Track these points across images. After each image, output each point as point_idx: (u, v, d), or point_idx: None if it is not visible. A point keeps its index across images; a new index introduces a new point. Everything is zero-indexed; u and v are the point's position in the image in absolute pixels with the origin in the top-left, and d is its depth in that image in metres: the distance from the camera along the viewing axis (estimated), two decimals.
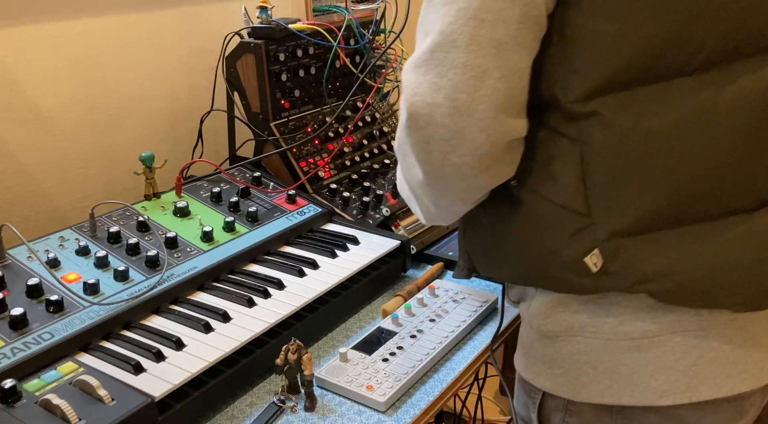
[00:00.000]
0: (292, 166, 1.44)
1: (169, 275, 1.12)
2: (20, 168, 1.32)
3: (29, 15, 1.29)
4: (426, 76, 0.76)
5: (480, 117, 0.75)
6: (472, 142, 0.76)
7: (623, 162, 0.76)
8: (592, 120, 0.76)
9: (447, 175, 0.81)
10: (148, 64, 1.51)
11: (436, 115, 0.76)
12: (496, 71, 0.74)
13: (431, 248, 1.40)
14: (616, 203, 0.77)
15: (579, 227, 0.79)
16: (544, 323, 0.88)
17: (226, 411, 0.98)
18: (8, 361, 0.90)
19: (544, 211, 0.82)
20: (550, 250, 0.82)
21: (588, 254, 0.79)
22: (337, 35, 1.50)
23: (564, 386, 0.88)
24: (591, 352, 0.84)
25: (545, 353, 0.89)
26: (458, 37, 0.74)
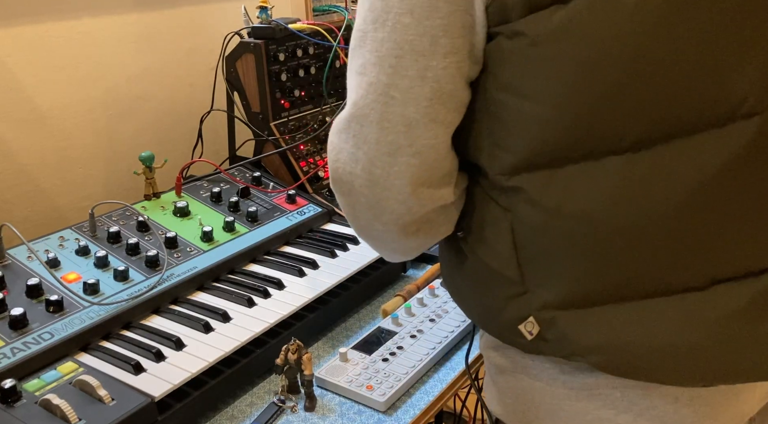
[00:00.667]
0: (292, 166, 1.44)
1: (169, 275, 1.12)
2: (20, 168, 1.32)
3: (29, 15, 1.29)
4: (346, 144, 0.75)
5: (397, 191, 0.73)
6: (392, 213, 0.75)
7: (549, 240, 0.72)
8: (517, 194, 0.73)
9: (376, 237, 0.80)
10: (147, 64, 1.51)
11: (355, 184, 0.75)
12: (408, 148, 0.71)
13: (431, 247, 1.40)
14: (546, 276, 0.74)
15: (514, 292, 0.76)
16: (493, 356, 0.87)
17: (226, 411, 0.98)
18: (8, 361, 0.90)
19: (483, 272, 0.79)
20: (490, 307, 0.80)
21: (523, 321, 0.76)
22: (337, 35, 1.50)
23: (512, 416, 0.87)
24: (533, 391, 0.82)
25: (498, 381, 0.88)
26: (370, 112, 0.72)
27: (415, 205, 0.75)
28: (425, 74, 0.69)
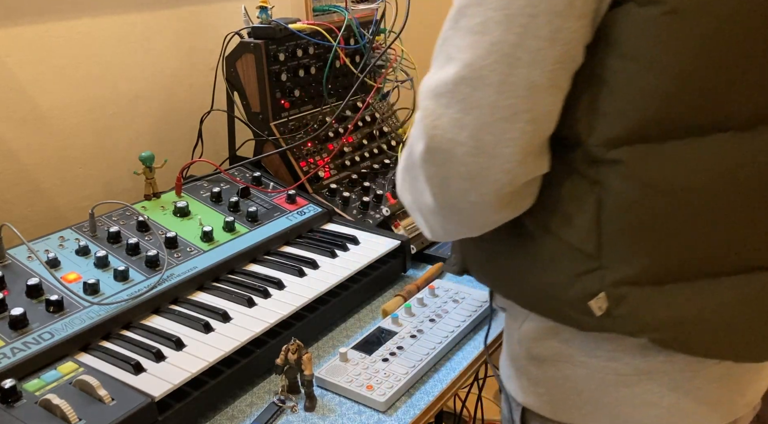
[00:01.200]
0: (292, 166, 1.44)
1: (169, 275, 1.12)
2: (20, 168, 1.32)
3: (29, 15, 1.29)
4: (448, 110, 0.71)
5: (505, 160, 0.71)
6: (494, 184, 0.72)
7: (641, 215, 0.72)
8: (614, 168, 0.72)
9: (463, 209, 0.77)
10: (148, 64, 1.51)
11: (457, 153, 0.71)
12: (526, 114, 0.69)
13: (431, 248, 1.40)
14: (628, 253, 0.74)
15: (587, 268, 0.76)
16: (534, 346, 0.86)
17: (226, 411, 0.98)
18: (8, 361, 0.90)
19: (554, 248, 0.78)
20: (555, 286, 0.79)
21: (594, 297, 0.76)
22: (337, 35, 1.50)
23: (545, 406, 0.87)
24: (577, 379, 0.83)
25: (531, 371, 0.88)
26: (489, 74, 0.68)
27: (520, 175, 0.72)
28: (557, 36, 0.67)
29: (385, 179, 1.53)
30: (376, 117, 1.63)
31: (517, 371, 0.90)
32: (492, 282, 0.90)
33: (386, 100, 1.68)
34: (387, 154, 1.61)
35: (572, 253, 0.76)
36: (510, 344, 0.92)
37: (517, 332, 0.89)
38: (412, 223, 1.44)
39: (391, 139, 1.64)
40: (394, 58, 1.59)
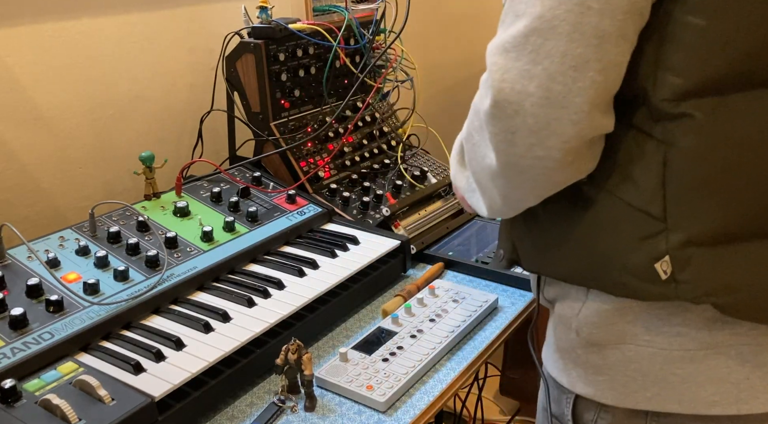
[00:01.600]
0: (292, 166, 1.44)
1: (169, 275, 1.12)
2: (20, 168, 1.32)
3: (29, 15, 1.29)
4: (517, 63, 0.72)
5: (573, 110, 0.71)
6: (561, 136, 0.72)
7: (709, 169, 0.73)
8: (682, 122, 0.73)
9: (527, 167, 0.76)
10: (148, 64, 1.51)
11: (526, 104, 0.72)
12: (596, 63, 0.70)
13: (431, 248, 1.40)
14: (695, 211, 0.74)
15: (651, 231, 0.76)
16: (596, 331, 0.85)
17: (226, 411, 0.98)
18: (8, 361, 0.90)
19: (616, 212, 0.78)
20: (616, 252, 0.79)
21: (659, 261, 0.75)
22: (337, 35, 1.50)
23: (607, 393, 0.86)
24: (642, 360, 0.82)
25: (589, 359, 0.87)
26: (560, 23, 0.69)
27: (586, 128, 0.73)
28: None
29: (385, 179, 1.53)
30: (376, 117, 1.63)
31: (573, 362, 0.89)
32: (549, 266, 0.89)
33: (386, 100, 1.68)
34: (387, 154, 1.61)
35: (636, 215, 0.77)
36: (563, 335, 0.91)
37: (575, 321, 0.88)
38: (412, 223, 1.44)
39: (391, 139, 1.64)
40: (394, 58, 1.59)
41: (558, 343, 0.92)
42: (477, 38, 2.44)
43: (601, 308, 0.84)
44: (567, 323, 0.89)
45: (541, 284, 0.97)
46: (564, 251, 0.85)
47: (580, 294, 0.87)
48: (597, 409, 0.90)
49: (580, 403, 0.91)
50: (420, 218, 1.47)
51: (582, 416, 0.92)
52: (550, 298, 0.94)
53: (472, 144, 0.83)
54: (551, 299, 0.94)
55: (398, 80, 1.64)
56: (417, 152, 1.65)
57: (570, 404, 0.92)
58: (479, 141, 0.80)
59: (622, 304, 0.82)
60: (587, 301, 0.86)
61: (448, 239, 1.44)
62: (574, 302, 0.88)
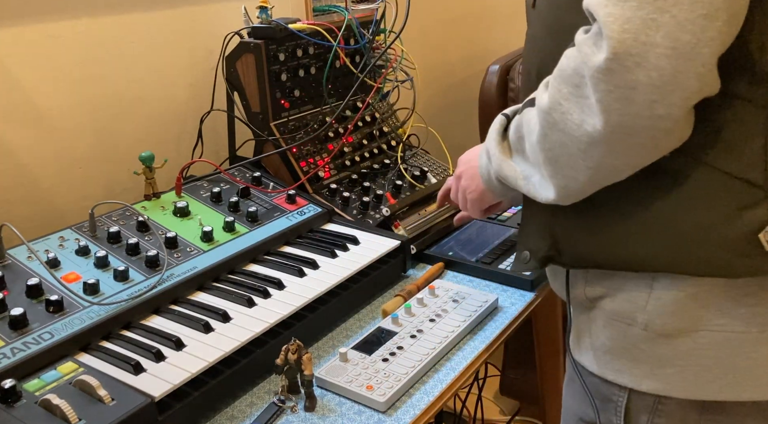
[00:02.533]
0: (292, 166, 1.44)
1: (169, 275, 1.12)
2: (20, 168, 1.32)
3: (29, 15, 1.29)
4: (639, 12, 0.67)
5: (701, 62, 0.67)
6: (685, 91, 0.68)
7: None
8: None
9: (641, 129, 0.72)
10: (148, 64, 1.51)
11: (650, 56, 0.67)
12: (725, 12, 0.66)
13: (431, 248, 1.40)
14: None
15: (752, 200, 0.74)
16: (670, 321, 0.82)
17: (226, 411, 0.98)
18: (8, 361, 0.90)
19: (709, 182, 0.76)
20: (709, 226, 0.76)
21: (762, 231, 0.73)
22: (337, 35, 1.50)
23: (678, 385, 0.84)
24: (714, 347, 0.80)
25: (655, 352, 0.84)
26: None
27: (710, 83, 0.70)
28: None
29: (385, 179, 1.53)
30: (376, 117, 1.63)
31: (634, 359, 0.86)
32: (604, 253, 0.85)
33: (386, 100, 1.68)
34: (387, 154, 1.61)
35: (733, 184, 0.74)
36: (618, 333, 0.87)
37: (641, 314, 0.84)
38: (412, 223, 1.44)
39: (391, 139, 1.64)
40: (394, 58, 1.59)
41: (608, 343, 0.88)
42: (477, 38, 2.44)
43: (675, 295, 0.81)
44: (627, 319, 0.86)
45: (576, 283, 0.92)
46: (632, 234, 0.81)
47: (642, 285, 0.83)
48: (651, 411, 0.87)
49: (633, 407, 0.88)
50: (420, 218, 1.47)
51: (636, 420, 0.89)
52: (595, 296, 0.89)
53: (560, 113, 0.77)
54: (597, 296, 0.89)
55: (398, 80, 1.64)
56: (417, 152, 1.65)
57: (621, 412, 0.89)
58: (572, 108, 0.75)
59: (696, 288, 0.80)
60: (654, 291, 0.83)
61: (448, 239, 1.44)
62: (636, 294, 0.84)
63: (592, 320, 0.91)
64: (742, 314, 0.79)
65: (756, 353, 0.79)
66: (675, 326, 0.82)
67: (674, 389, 0.84)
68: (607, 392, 0.90)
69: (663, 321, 0.82)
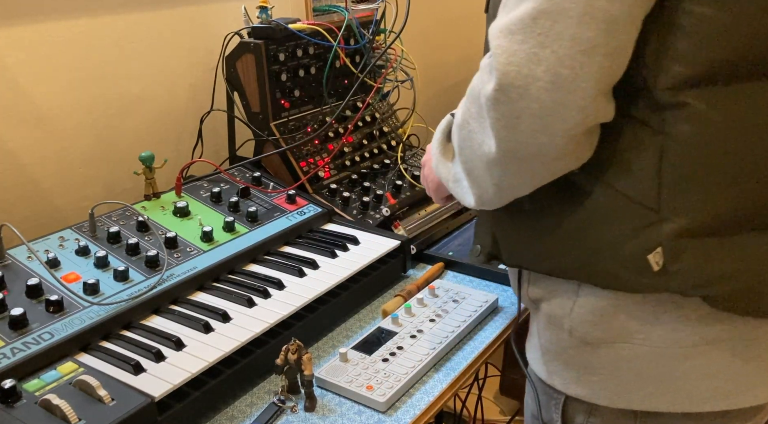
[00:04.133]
0: (292, 166, 1.44)
1: (169, 275, 1.12)
2: (20, 168, 1.32)
3: (29, 15, 1.29)
4: (523, 46, 0.70)
5: (581, 96, 0.70)
6: (566, 122, 0.72)
7: (705, 159, 0.73)
8: (681, 111, 0.73)
9: (528, 156, 0.75)
10: (147, 64, 1.51)
11: (532, 88, 0.71)
12: (605, 47, 0.69)
13: (431, 248, 1.40)
14: (689, 201, 0.74)
15: (645, 222, 0.76)
16: (591, 330, 0.84)
17: (226, 411, 0.98)
18: (8, 361, 0.90)
19: (609, 202, 0.78)
20: (609, 243, 0.78)
21: (651, 252, 0.75)
22: (337, 35, 1.50)
23: (601, 393, 0.86)
24: (637, 359, 0.82)
25: (582, 359, 0.86)
26: (570, 6, 0.68)
27: (592, 115, 0.72)
28: None
29: (385, 179, 1.53)
30: (376, 117, 1.63)
31: (564, 363, 0.88)
32: (530, 258, 0.88)
33: (386, 100, 1.68)
34: (387, 154, 1.61)
35: (630, 206, 0.76)
36: (552, 336, 0.89)
37: (567, 320, 0.87)
38: (412, 223, 1.44)
39: (391, 139, 1.64)
40: (394, 58, 1.59)
41: (547, 345, 0.91)
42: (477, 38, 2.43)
43: (596, 304, 0.83)
44: (558, 323, 0.88)
45: (523, 283, 0.95)
46: (552, 243, 0.84)
47: (570, 291, 0.86)
48: (587, 412, 0.89)
49: (569, 407, 0.91)
50: (420, 218, 1.47)
51: (572, 420, 0.91)
52: (536, 297, 0.92)
53: (468, 131, 0.81)
54: (536, 298, 0.92)
55: (398, 80, 1.64)
56: (417, 152, 1.65)
57: (559, 409, 0.91)
58: (476, 128, 0.79)
59: (616, 300, 0.82)
60: (579, 298, 0.85)
61: (448, 239, 1.44)
62: (565, 299, 0.87)
63: (537, 320, 0.94)
64: (661, 331, 0.80)
65: (675, 369, 0.81)
66: (597, 335, 0.84)
67: (598, 396, 0.86)
68: (550, 390, 0.93)
69: (585, 329, 0.85)
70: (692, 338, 0.79)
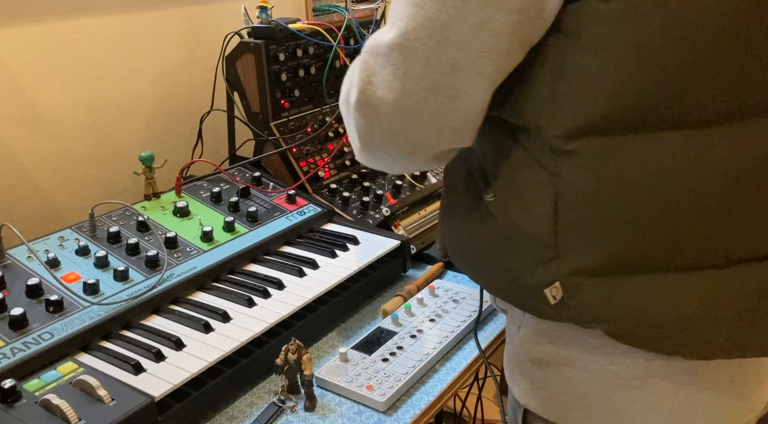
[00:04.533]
0: (292, 166, 1.44)
1: (169, 275, 1.12)
2: (20, 168, 1.32)
3: (29, 15, 1.29)
4: (382, 70, 0.75)
5: (424, 127, 0.76)
6: (413, 145, 0.78)
7: (595, 206, 0.73)
8: (571, 159, 0.73)
9: (386, 158, 0.83)
10: (148, 64, 1.51)
11: (383, 111, 0.76)
12: (448, 90, 0.73)
13: (431, 247, 1.40)
14: (583, 243, 0.75)
15: (544, 257, 0.77)
16: (535, 349, 0.86)
17: (226, 411, 0.98)
18: (8, 361, 0.90)
19: (514, 234, 0.79)
20: (515, 270, 0.80)
21: (549, 286, 0.77)
22: (337, 35, 1.50)
23: (550, 409, 0.87)
24: (580, 383, 0.83)
25: (534, 373, 0.87)
26: (420, 47, 0.72)
27: (435, 144, 0.78)
28: (485, 25, 0.70)
29: (385, 179, 1.53)
30: None
31: (521, 373, 0.90)
32: (471, 272, 0.91)
33: None
34: None
35: (532, 241, 0.78)
36: (512, 345, 0.91)
37: (517, 335, 0.89)
38: (412, 223, 1.44)
39: None
40: None
41: (510, 352, 0.92)
42: None
43: (537, 326, 0.85)
44: (513, 335, 0.91)
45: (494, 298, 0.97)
46: (479, 262, 0.87)
47: (517, 312, 0.88)
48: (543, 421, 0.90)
49: (528, 416, 0.91)
50: (420, 218, 1.47)
51: None
52: (502, 307, 0.95)
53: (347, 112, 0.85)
54: (503, 308, 0.96)
55: None
56: None
57: (520, 415, 0.92)
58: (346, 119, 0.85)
59: (554, 328, 0.83)
60: (524, 317, 0.87)
61: None
62: (516, 315, 0.89)
63: (507, 326, 0.95)
64: (600, 362, 0.81)
65: (617, 397, 0.81)
66: (540, 355, 0.85)
67: (546, 411, 0.87)
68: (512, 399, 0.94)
69: (530, 349, 0.87)
70: (631, 372, 0.79)
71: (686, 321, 0.74)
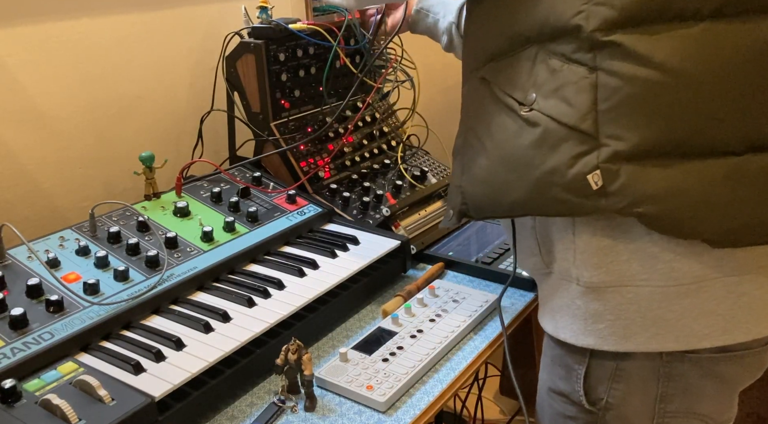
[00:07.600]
0: (292, 166, 1.44)
1: (169, 275, 1.12)
2: (20, 168, 1.32)
3: (29, 15, 1.29)
4: None
5: None
6: None
7: (635, 91, 0.80)
8: (611, 50, 0.81)
9: None
10: (148, 64, 1.51)
11: None
12: None
13: (431, 248, 1.40)
14: (622, 129, 0.82)
15: (585, 148, 0.83)
16: (595, 273, 0.90)
17: (226, 411, 0.98)
18: (8, 361, 0.90)
19: (555, 132, 0.85)
20: (556, 170, 0.85)
21: (590, 173, 0.83)
22: (337, 35, 1.50)
23: (609, 338, 0.90)
24: (640, 300, 0.87)
25: (589, 308, 0.91)
26: None
27: None
28: None
29: (385, 179, 1.53)
30: (376, 117, 1.63)
31: (573, 315, 0.93)
32: (492, 203, 0.94)
33: (386, 100, 1.68)
34: (387, 154, 1.61)
35: (571, 134, 0.84)
36: (564, 291, 0.94)
37: (573, 269, 0.92)
38: (412, 223, 1.44)
39: (391, 139, 1.64)
40: (394, 58, 1.59)
41: (555, 304, 0.96)
42: None
43: (593, 248, 0.89)
44: (566, 276, 0.94)
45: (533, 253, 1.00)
46: (509, 179, 0.91)
47: (566, 241, 0.92)
48: (610, 380, 0.93)
49: (592, 374, 0.94)
50: (420, 218, 1.47)
51: (595, 389, 0.95)
52: (549, 260, 0.98)
53: None
54: (550, 260, 0.98)
55: (398, 80, 1.64)
56: (417, 152, 1.65)
57: (581, 379, 0.95)
58: None
59: (613, 243, 0.87)
60: (576, 245, 0.91)
61: (448, 239, 1.44)
62: (566, 250, 0.93)
63: (549, 284, 0.99)
64: (661, 270, 0.86)
65: (676, 306, 0.86)
66: (602, 279, 0.89)
67: (606, 342, 0.91)
68: (570, 361, 0.97)
69: (589, 274, 0.91)
70: (691, 275, 0.85)
71: (708, 203, 0.81)
